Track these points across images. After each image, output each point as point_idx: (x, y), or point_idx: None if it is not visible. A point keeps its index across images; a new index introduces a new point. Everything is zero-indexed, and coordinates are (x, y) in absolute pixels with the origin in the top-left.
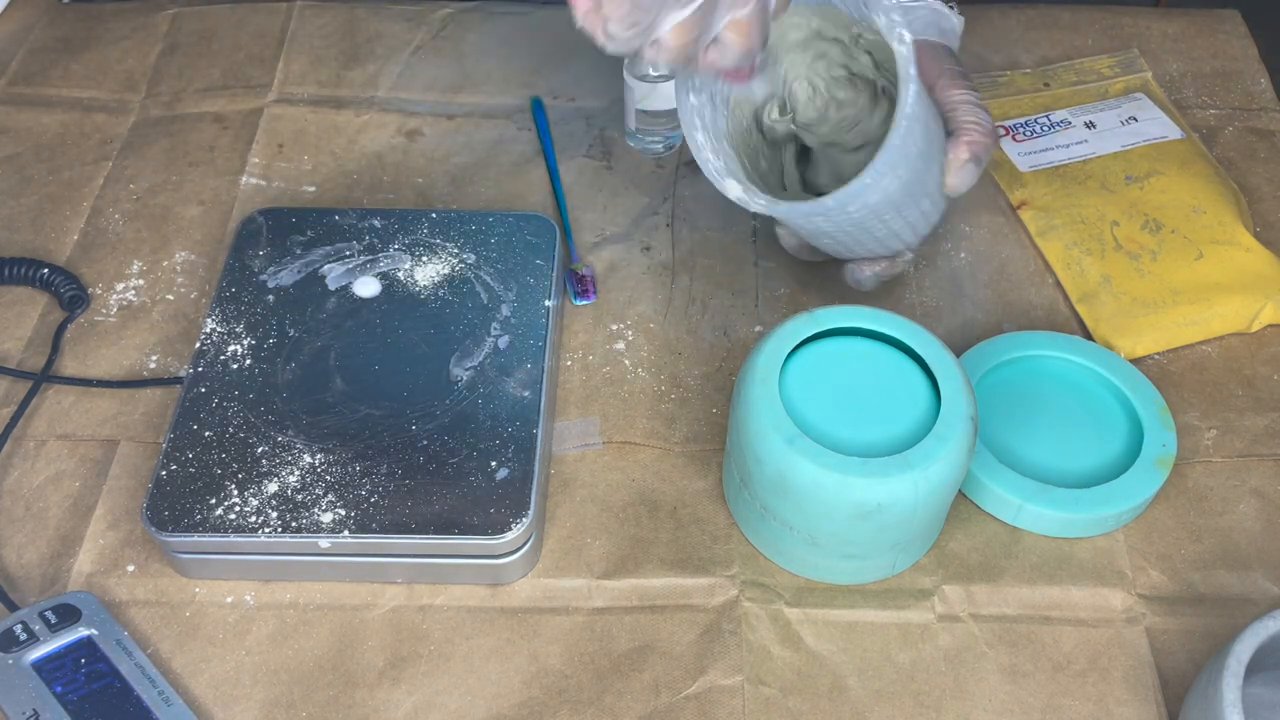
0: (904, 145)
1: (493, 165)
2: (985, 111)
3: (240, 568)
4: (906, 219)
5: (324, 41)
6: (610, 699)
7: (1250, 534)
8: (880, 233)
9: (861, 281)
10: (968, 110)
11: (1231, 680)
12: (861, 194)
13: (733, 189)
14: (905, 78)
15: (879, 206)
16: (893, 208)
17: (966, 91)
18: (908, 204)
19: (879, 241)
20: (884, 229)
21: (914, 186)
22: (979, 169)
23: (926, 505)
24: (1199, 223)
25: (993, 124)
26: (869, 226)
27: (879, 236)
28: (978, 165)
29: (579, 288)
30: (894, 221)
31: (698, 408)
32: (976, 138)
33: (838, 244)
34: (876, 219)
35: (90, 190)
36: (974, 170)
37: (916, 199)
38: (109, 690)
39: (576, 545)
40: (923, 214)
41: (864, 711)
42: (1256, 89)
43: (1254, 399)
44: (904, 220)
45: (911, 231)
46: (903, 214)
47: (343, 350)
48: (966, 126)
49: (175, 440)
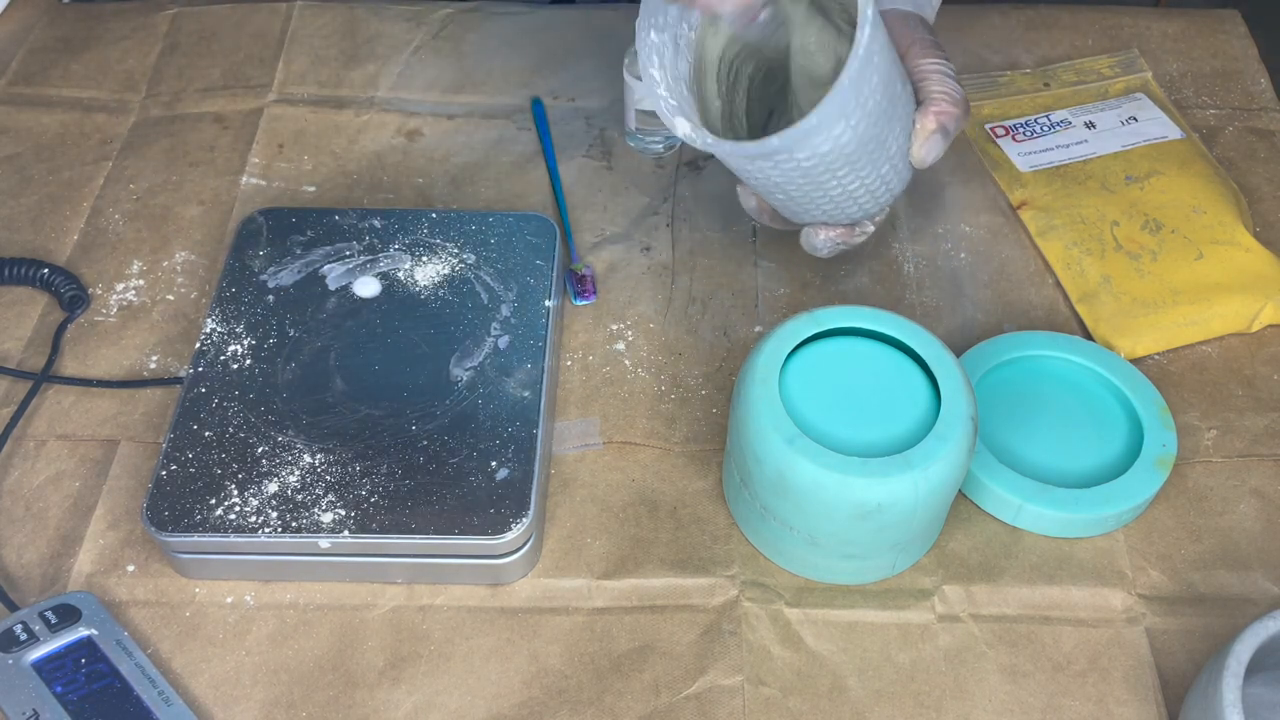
0: (856, 89)
1: (493, 165)
2: (956, 82)
3: (240, 568)
4: (864, 180)
5: (324, 41)
6: (610, 699)
7: (1250, 534)
8: (835, 192)
9: (817, 246)
10: (938, 80)
11: (1231, 680)
12: (809, 135)
13: (681, 126)
14: (862, 19)
15: (831, 158)
16: (847, 163)
17: (938, 61)
18: (865, 163)
19: (834, 203)
20: (839, 188)
21: (871, 144)
22: (947, 140)
23: (926, 505)
24: (1199, 223)
25: (964, 95)
26: (822, 182)
27: (834, 196)
28: (945, 136)
29: (579, 288)
30: (849, 180)
31: (698, 408)
32: (946, 108)
33: (791, 201)
34: (830, 173)
35: (90, 190)
36: (941, 141)
37: (875, 160)
38: (109, 690)
39: (576, 545)
40: (882, 179)
41: (864, 711)
42: (1256, 89)
43: (1254, 399)
44: (861, 181)
45: (870, 197)
46: (859, 173)
47: (343, 350)
48: (935, 96)
49: (175, 440)
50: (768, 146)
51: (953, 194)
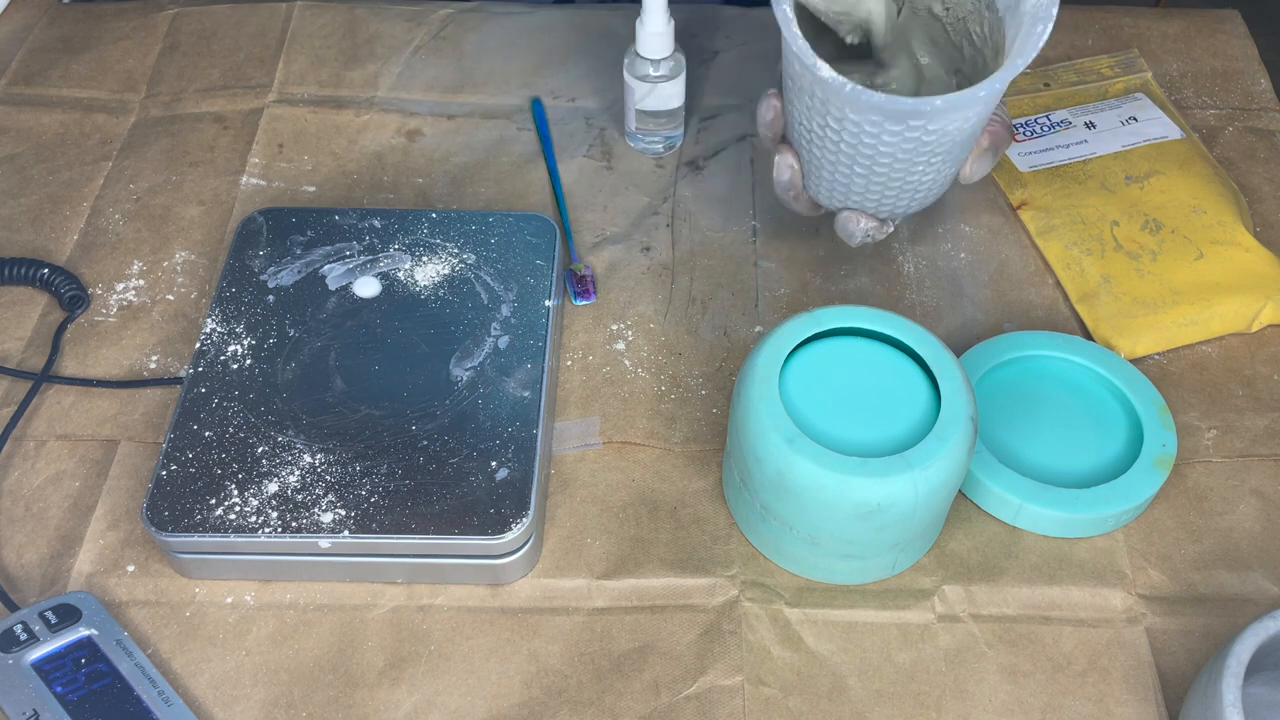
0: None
1: (493, 165)
2: (1003, 104)
3: (240, 568)
4: (934, 176)
5: (324, 41)
6: (610, 699)
7: (1250, 534)
8: (910, 178)
9: (854, 233)
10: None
11: (1231, 680)
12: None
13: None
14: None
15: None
16: (946, 152)
17: None
18: (950, 159)
19: (895, 190)
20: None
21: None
22: (994, 160)
23: (926, 505)
24: (1199, 223)
25: (1008, 119)
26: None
27: (901, 182)
28: (994, 156)
29: (579, 288)
30: (927, 171)
31: (698, 408)
32: (997, 129)
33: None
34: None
35: (90, 190)
36: (990, 159)
37: (956, 160)
38: (109, 690)
39: (576, 545)
40: (943, 180)
41: (864, 711)
42: (1256, 89)
43: (1254, 399)
44: (933, 176)
45: (921, 193)
46: (938, 167)
47: (343, 350)
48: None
49: (175, 440)
50: (926, 105)
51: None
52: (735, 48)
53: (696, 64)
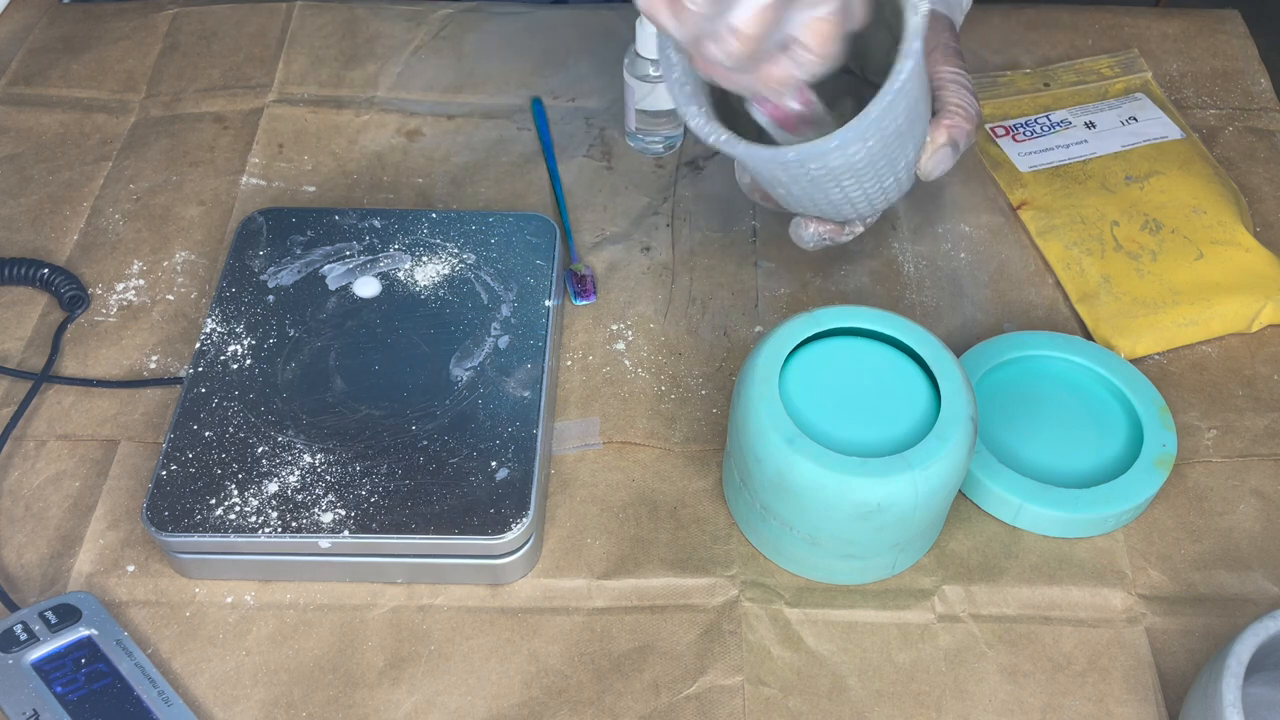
0: (882, 119)
1: (493, 165)
2: (972, 94)
3: (240, 568)
4: (866, 190)
5: (324, 41)
6: (610, 699)
7: (1250, 534)
8: (836, 197)
9: (804, 238)
10: (955, 91)
11: (1231, 680)
12: (825, 154)
13: (694, 117)
14: (906, 51)
15: (840, 171)
16: (854, 175)
17: (957, 71)
18: (870, 176)
19: (833, 205)
20: (840, 194)
21: (881, 160)
22: (956, 155)
23: (926, 505)
24: (1199, 223)
25: (978, 109)
26: (825, 188)
27: (834, 200)
28: (954, 151)
29: (579, 288)
30: (853, 189)
31: (698, 408)
32: (958, 122)
33: (791, 197)
34: (835, 182)
35: (90, 190)
36: (950, 155)
37: (881, 173)
38: (109, 690)
39: (576, 545)
40: (883, 189)
41: (864, 711)
42: (1256, 89)
43: (1254, 399)
44: (863, 190)
45: (868, 203)
46: (863, 184)
47: (343, 350)
48: (950, 109)
49: (175, 440)
50: (780, 157)
51: (953, 194)
52: None
53: None
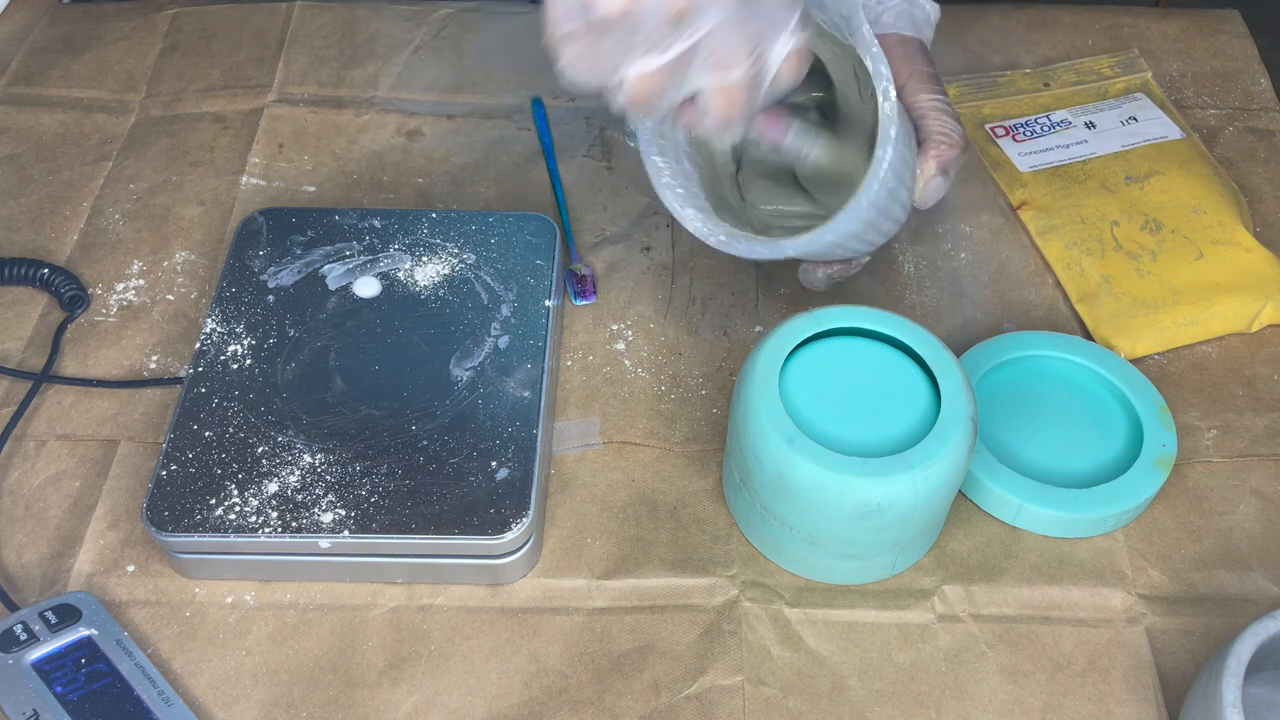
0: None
1: (493, 165)
2: (954, 119)
3: (240, 568)
4: (867, 240)
5: (324, 41)
6: (610, 699)
7: (1250, 534)
8: (839, 253)
9: (814, 282)
10: (936, 118)
11: (1231, 680)
12: (822, 243)
13: (691, 220)
14: (884, 139)
15: (835, 244)
16: (855, 238)
17: (936, 97)
18: (870, 232)
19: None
20: (844, 250)
21: (878, 218)
22: (948, 182)
23: (926, 505)
24: (1199, 223)
25: (963, 131)
26: (828, 252)
27: (836, 254)
28: (946, 178)
29: (579, 288)
30: (855, 245)
31: (698, 408)
32: (944, 150)
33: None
34: (838, 248)
35: (90, 190)
36: (942, 184)
37: (879, 226)
38: (109, 690)
39: (576, 545)
40: (882, 233)
41: (864, 711)
42: (1256, 89)
43: (1254, 399)
44: (865, 242)
45: (868, 246)
46: (865, 239)
47: (343, 350)
48: (935, 138)
49: (175, 440)
50: (780, 251)
51: (953, 194)
52: None
53: None
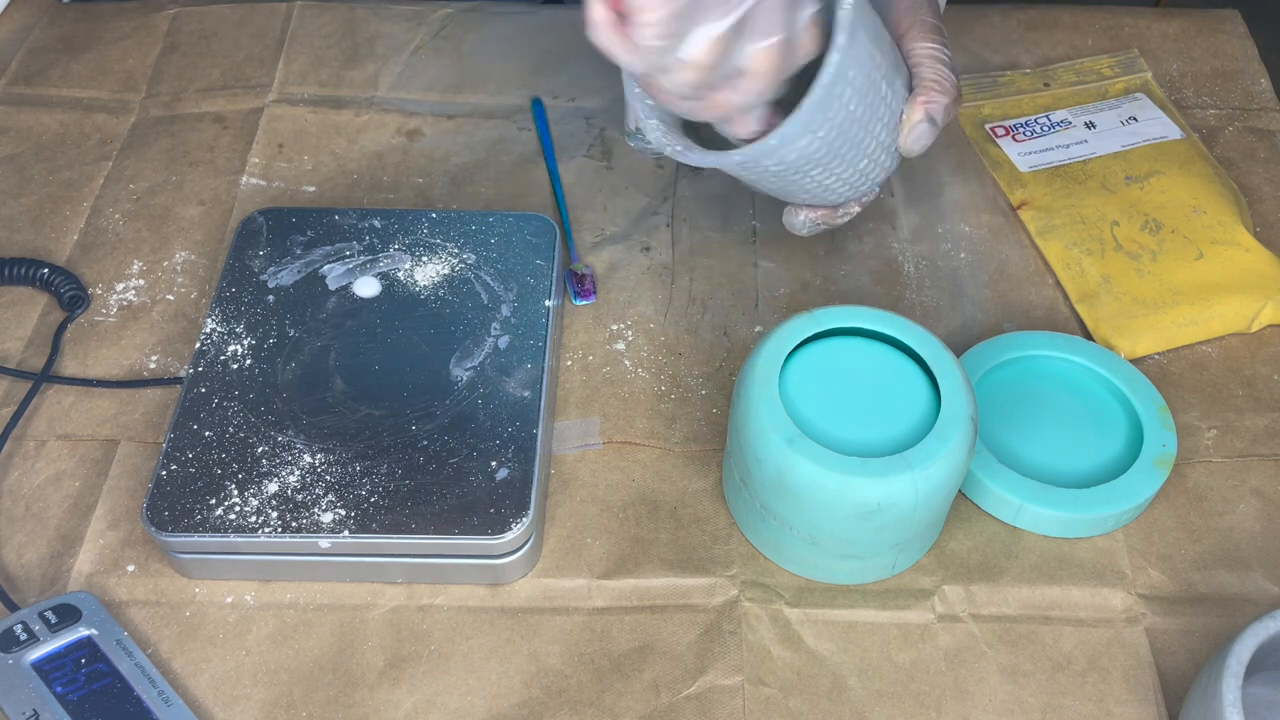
0: (823, 108)
1: (493, 165)
2: (949, 68)
3: (240, 568)
4: (839, 175)
5: (324, 41)
6: (610, 699)
7: (1250, 534)
8: (811, 186)
9: (795, 225)
10: (931, 66)
11: (1231, 680)
12: (773, 152)
13: (653, 130)
14: (834, 44)
15: (799, 163)
16: (818, 165)
17: (935, 45)
18: (837, 163)
19: (812, 194)
20: (814, 183)
21: (844, 147)
22: (935, 130)
23: (926, 505)
24: (1199, 223)
25: (956, 81)
26: (794, 180)
27: (810, 189)
28: (933, 126)
29: (579, 288)
30: (824, 177)
31: (698, 408)
32: (934, 97)
33: (772, 191)
34: (801, 174)
35: (90, 190)
36: (929, 131)
37: (850, 159)
38: (109, 690)
39: (576, 545)
40: (861, 172)
41: (864, 711)
42: (1256, 89)
43: (1254, 399)
44: (836, 177)
45: (848, 187)
46: (833, 170)
47: (343, 350)
48: (927, 84)
49: (175, 440)
50: (729, 160)
51: (953, 194)
52: None
53: None
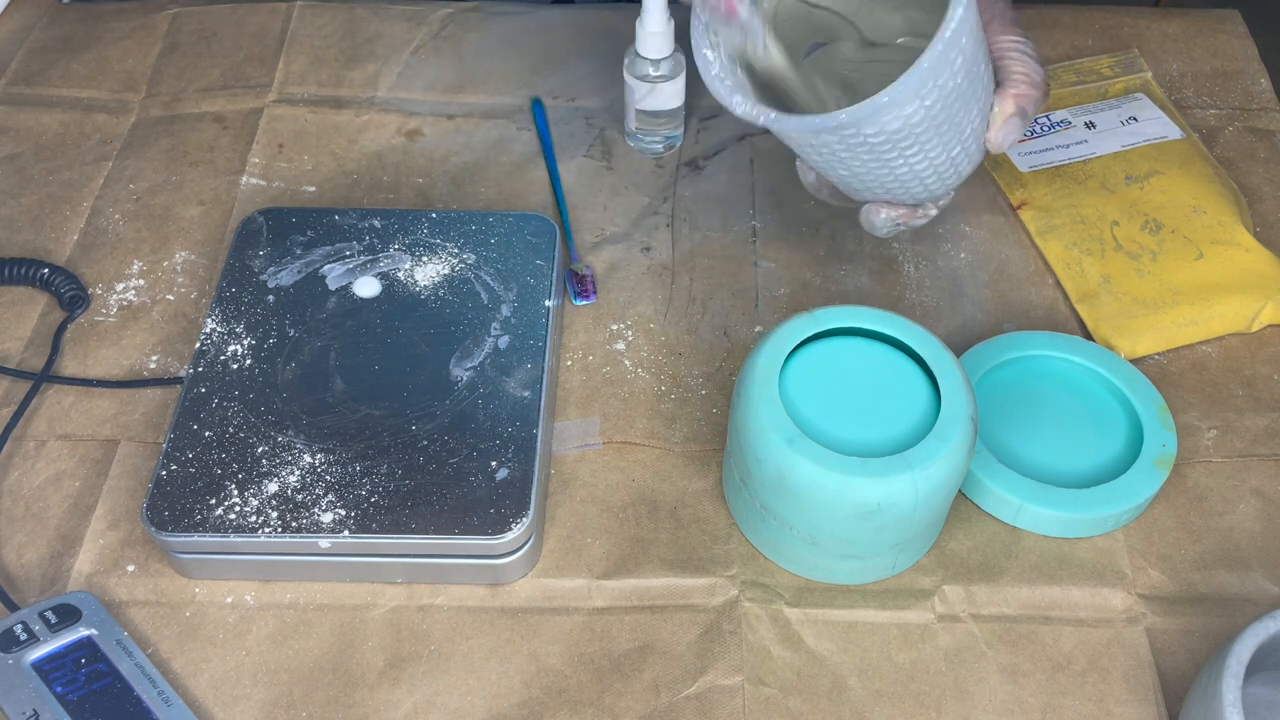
0: (936, 71)
1: (493, 165)
2: (1036, 61)
3: (240, 568)
4: (932, 161)
5: (324, 41)
6: (610, 699)
7: (1250, 534)
8: (901, 171)
9: (875, 225)
10: (1017, 59)
11: (1231, 680)
12: (879, 113)
13: (739, 104)
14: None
15: (900, 136)
16: (917, 142)
17: (1018, 39)
18: (935, 143)
19: (900, 182)
20: (905, 167)
21: (945, 125)
22: (1025, 124)
23: (926, 505)
24: (1199, 223)
25: (1044, 76)
26: (888, 160)
27: (900, 176)
28: (1023, 120)
29: (579, 288)
30: (917, 160)
31: (698, 408)
32: (1025, 90)
33: (854, 178)
34: (898, 152)
35: (90, 190)
36: (1019, 125)
37: (947, 142)
38: (109, 690)
39: (576, 545)
40: (952, 161)
41: (864, 711)
42: (1256, 89)
43: (1254, 399)
44: (929, 162)
45: (937, 178)
46: (928, 154)
47: (343, 350)
48: (1015, 77)
49: (175, 440)
50: (834, 121)
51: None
52: None
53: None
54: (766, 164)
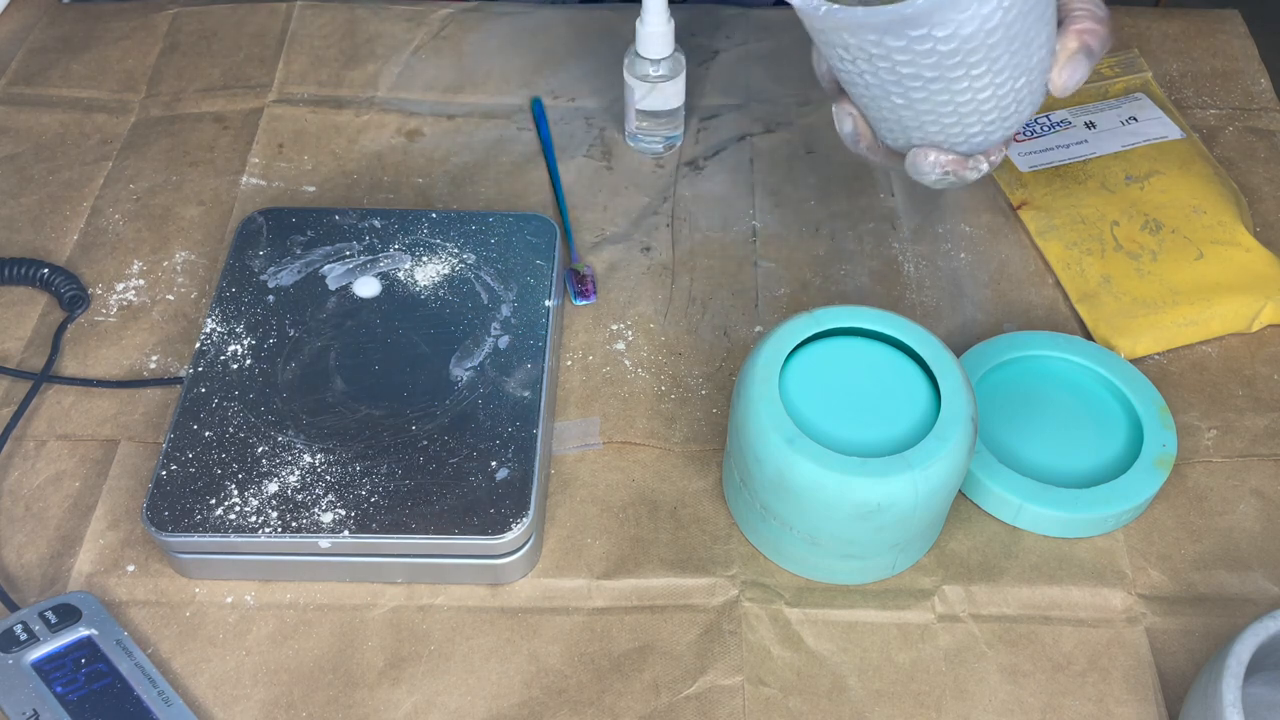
0: None
1: (493, 165)
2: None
3: (240, 568)
4: (997, 90)
5: (324, 41)
6: (610, 699)
7: (1250, 534)
8: (963, 98)
9: (923, 169)
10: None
11: (1231, 680)
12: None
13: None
14: None
15: (972, 44)
16: (987, 58)
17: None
18: (1005, 63)
19: (958, 115)
20: (968, 92)
21: (1017, 41)
22: (1091, 63)
23: (926, 505)
24: (1199, 223)
25: (1108, 12)
26: (953, 80)
27: (959, 106)
28: (1089, 58)
29: (579, 288)
30: (982, 85)
31: (698, 408)
32: (1090, 25)
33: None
34: (965, 68)
35: (90, 190)
36: (1085, 64)
37: (1015, 65)
38: (109, 690)
39: (576, 545)
40: (1015, 94)
41: (864, 711)
42: (1256, 89)
43: (1254, 399)
44: (994, 89)
45: (998, 114)
46: (995, 76)
47: (343, 350)
48: (1078, 13)
49: (175, 440)
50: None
51: (953, 194)
52: (735, 47)
53: (696, 64)
54: (766, 164)
